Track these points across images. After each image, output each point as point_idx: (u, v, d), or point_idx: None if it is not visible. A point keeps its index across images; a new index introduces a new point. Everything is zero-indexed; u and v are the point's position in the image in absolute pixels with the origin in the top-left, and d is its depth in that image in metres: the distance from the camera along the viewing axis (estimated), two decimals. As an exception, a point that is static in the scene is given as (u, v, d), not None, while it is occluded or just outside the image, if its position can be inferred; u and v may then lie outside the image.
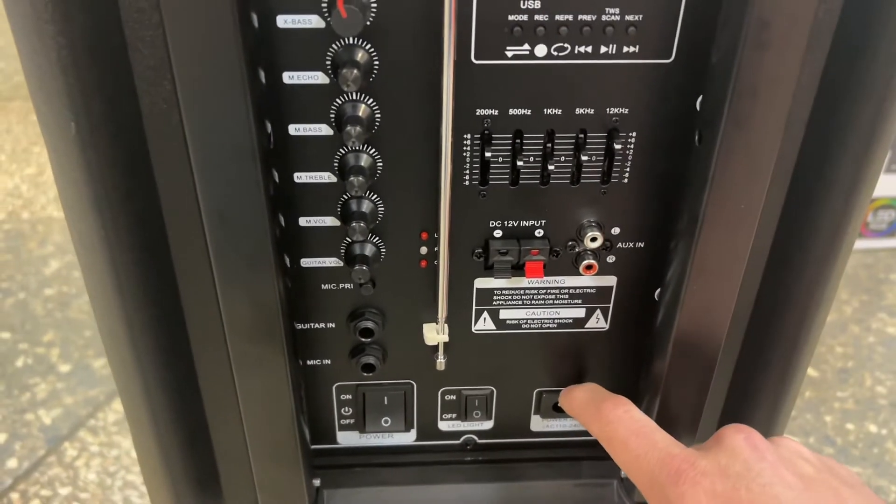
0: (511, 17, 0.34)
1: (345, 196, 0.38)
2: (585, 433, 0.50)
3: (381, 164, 0.37)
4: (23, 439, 1.14)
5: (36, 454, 1.12)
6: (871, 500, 0.34)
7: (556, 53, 0.35)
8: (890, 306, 1.40)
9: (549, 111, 0.36)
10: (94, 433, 1.15)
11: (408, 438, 0.49)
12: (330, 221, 0.39)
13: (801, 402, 1.19)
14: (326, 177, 0.38)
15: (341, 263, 0.41)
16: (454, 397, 0.47)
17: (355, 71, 0.33)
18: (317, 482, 0.47)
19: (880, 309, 1.39)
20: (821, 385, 1.22)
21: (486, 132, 0.37)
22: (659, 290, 0.43)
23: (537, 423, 0.49)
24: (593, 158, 0.38)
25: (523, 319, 0.44)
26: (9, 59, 2.41)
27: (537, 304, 0.43)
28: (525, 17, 0.34)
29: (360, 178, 0.36)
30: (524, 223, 0.40)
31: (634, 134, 0.37)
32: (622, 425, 0.39)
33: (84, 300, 1.42)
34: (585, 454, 0.50)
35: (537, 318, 0.44)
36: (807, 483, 0.34)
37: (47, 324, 1.37)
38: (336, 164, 0.37)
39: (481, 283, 0.42)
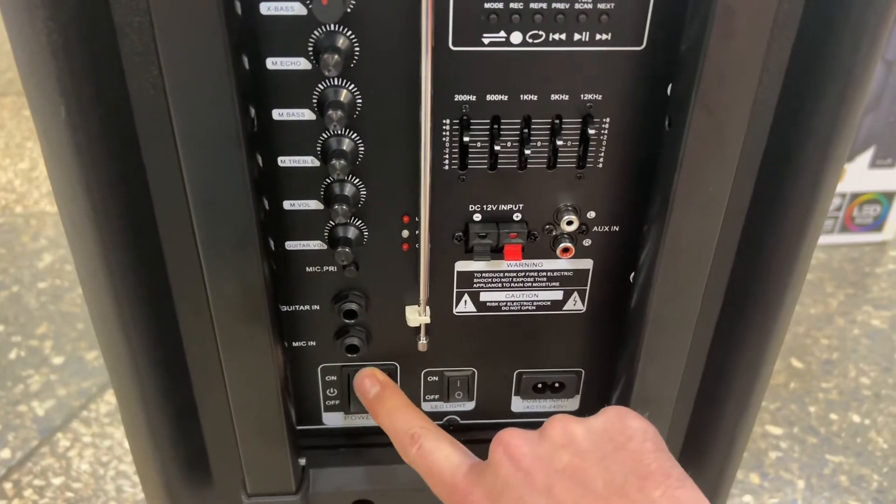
0: (487, 5, 0.35)
1: (327, 180, 0.39)
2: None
3: (362, 148, 0.38)
4: (16, 430, 1.15)
5: (29, 445, 1.13)
6: (630, 466, 0.34)
7: (531, 40, 0.36)
8: (875, 299, 1.42)
9: (526, 97, 0.38)
10: (86, 424, 1.16)
11: (392, 419, 0.50)
12: (313, 205, 0.40)
13: (786, 393, 1.20)
14: (309, 161, 0.39)
15: (325, 246, 0.42)
16: (436, 378, 0.48)
17: (336, 56, 0.34)
18: (303, 461, 0.48)
19: (865, 302, 1.41)
20: (805, 376, 1.24)
21: (465, 117, 0.38)
22: (633, 272, 0.44)
23: (518, 404, 0.50)
24: (569, 144, 0.39)
25: (503, 302, 0.45)
26: (1, 56, 2.41)
27: (516, 287, 0.44)
28: (501, 5, 0.35)
29: (343, 162, 0.37)
30: (503, 207, 0.41)
31: (608, 120, 0.39)
32: (418, 467, 0.41)
33: (77, 293, 1.43)
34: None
35: (516, 301, 0.45)
36: (556, 480, 0.35)
37: (41, 316, 1.37)
38: (318, 148, 0.38)
39: (462, 265, 0.43)
